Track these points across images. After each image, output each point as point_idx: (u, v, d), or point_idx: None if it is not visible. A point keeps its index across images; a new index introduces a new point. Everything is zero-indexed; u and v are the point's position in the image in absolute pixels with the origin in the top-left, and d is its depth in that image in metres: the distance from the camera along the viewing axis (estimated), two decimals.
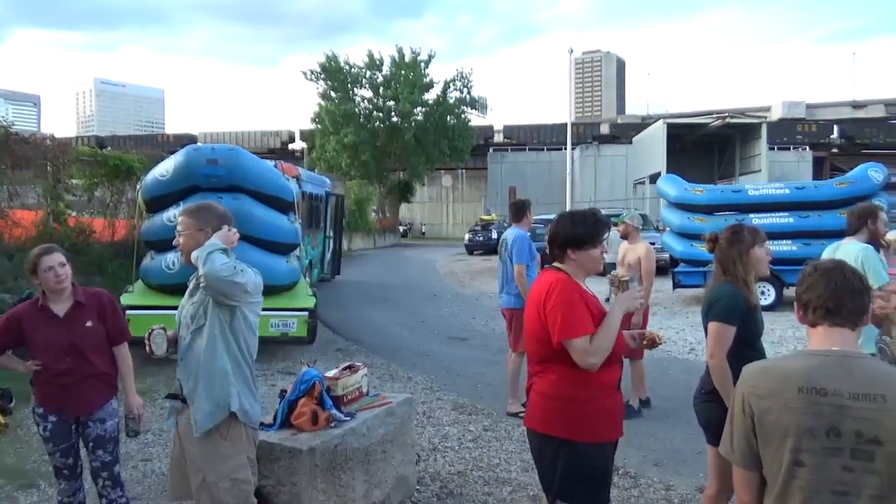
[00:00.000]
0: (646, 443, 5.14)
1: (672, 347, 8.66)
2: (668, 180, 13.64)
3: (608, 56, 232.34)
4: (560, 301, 2.63)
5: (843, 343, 1.78)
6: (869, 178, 11.95)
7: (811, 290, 1.84)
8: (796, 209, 11.87)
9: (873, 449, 1.63)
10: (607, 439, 2.74)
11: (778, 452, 1.71)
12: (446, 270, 21.09)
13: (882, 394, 1.65)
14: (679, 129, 31.54)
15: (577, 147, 40.65)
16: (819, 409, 1.67)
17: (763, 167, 29.56)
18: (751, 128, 31.29)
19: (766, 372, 1.80)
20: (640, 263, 6.04)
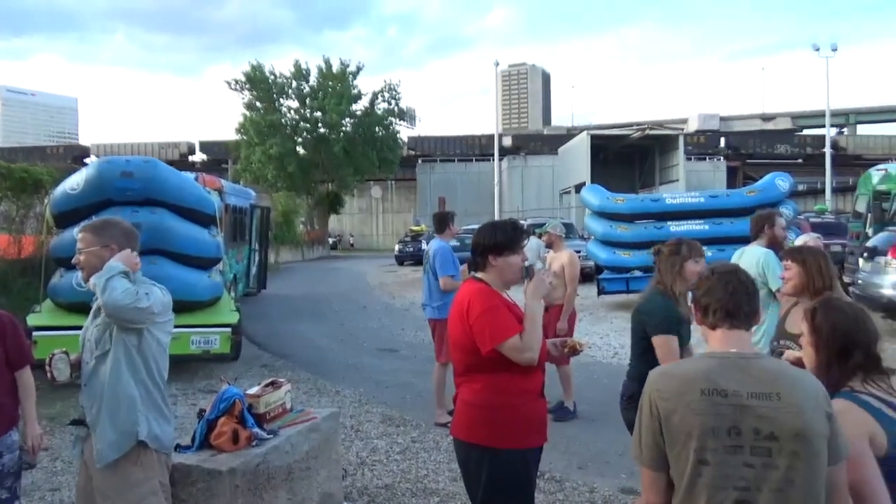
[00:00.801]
0: (571, 447, 5.25)
1: (597, 352, 8.89)
2: (590, 190, 14.05)
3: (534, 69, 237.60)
4: (484, 310, 2.67)
5: (741, 344, 1.86)
6: (776, 187, 12.67)
7: (710, 294, 1.91)
8: (710, 216, 12.45)
9: (770, 445, 1.71)
10: (531, 445, 2.79)
11: (683, 452, 1.76)
12: (376, 282, 20.98)
13: (777, 392, 1.74)
14: (602, 141, 32.63)
15: (505, 158, 41.36)
16: (720, 410, 1.73)
17: (681, 177, 30.89)
18: (669, 139, 32.67)
19: (670, 376, 1.86)
20: (565, 271, 6.19)
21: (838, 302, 2.21)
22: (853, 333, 2.04)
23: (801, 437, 1.69)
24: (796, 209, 13.73)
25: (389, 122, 40.94)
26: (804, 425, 1.70)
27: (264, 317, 12.71)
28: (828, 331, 2.06)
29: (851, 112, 66.13)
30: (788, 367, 1.88)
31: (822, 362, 2.07)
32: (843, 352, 2.02)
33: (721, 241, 11.93)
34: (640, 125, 36.07)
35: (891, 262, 9.47)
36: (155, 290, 2.71)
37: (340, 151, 37.95)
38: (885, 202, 12.86)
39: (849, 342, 2.02)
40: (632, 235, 12.60)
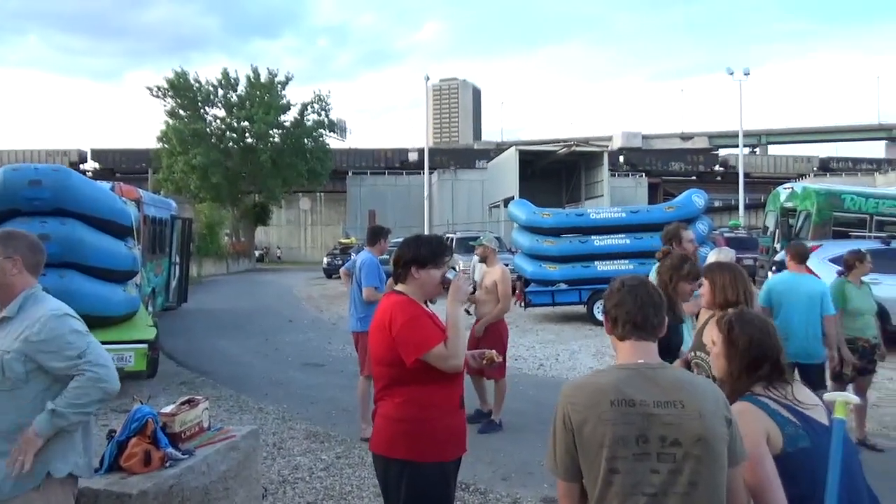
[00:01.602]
0: (496, 458, 5.30)
1: (522, 364, 9.03)
2: (518, 205, 14.31)
3: (465, 84, 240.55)
4: (406, 320, 2.70)
5: (647, 355, 1.94)
6: (693, 203, 13.24)
7: (620, 306, 1.98)
8: (632, 231, 12.89)
9: (675, 451, 1.79)
10: (450, 458, 2.82)
11: (595, 462, 1.82)
12: (304, 295, 20.63)
13: (681, 400, 1.82)
14: (530, 156, 33.29)
15: (436, 171, 41.61)
16: (629, 419, 1.80)
17: (605, 192, 31.84)
18: (594, 156, 33.64)
19: (582, 388, 1.92)
20: (497, 286, 6.22)
21: (751, 315, 2.32)
22: (765, 347, 2.16)
23: (702, 441, 1.78)
24: (711, 224, 14.40)
25: (319, 133, 40.51)
26: (705, 431, 1.79)
27: (185, 332, 12.29)
28: (744, 343, 2.17)
29: (763, 133, 70.00)
30: (691, 376, 1.97)
31: (733, 372, 2.18)
32: (754, 363, 2.14)
33: (642, 254, 12.36)
34: (567, 142, 36.99)
35: None
36: (82, 332, 2.60)
37: (268, 162, 37.26)
38: (791, 219, 13.66)
39: (760, 354, 2.14)
40: (557, 249, 12.89)
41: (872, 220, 12.45)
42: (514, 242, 14.68)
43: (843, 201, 12.66)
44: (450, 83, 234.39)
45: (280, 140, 39.06)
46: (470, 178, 41.75)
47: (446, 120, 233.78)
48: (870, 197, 12.94)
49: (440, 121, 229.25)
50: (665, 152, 54.79)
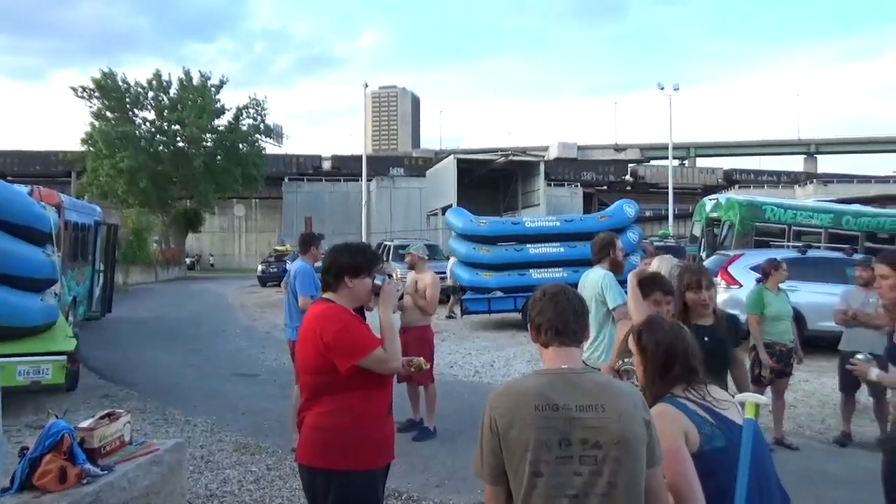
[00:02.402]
0: (430, 466, 5.31)
1: (458, 371, 9.09)
2: (455, 213, 14.42)
3: (404, 92, 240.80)
4: (341, 326, 2.70)
5: (570, 360, 2.00)
6: (624, 212, 13.65)
7: (542, 314, 2.04)
8: (566, 240, 13.17)
9: (596, 453, 1.84)
10: (379, 465, 2.82)
11: (520, 466, 1.86)
12: (237, 304, 20.15)
13: (602, 403, 1.88)
14: (468, 165, 33.55)
15: (374, 178, 41.45)
16: (553, 423, 1.85)
17: (542, 201, 32.42)
18: (531, 165, 34.21)
19: (507, 393, 1.96)
20: (426, 292, 6.26)
21: (660, 321, 2.42)
22: (673, 349, 2.25)
23: (621, 443, 1.84)
24: (641, 233, 14.86)
25: (255, 138, 39.75)
26: (624, 432, 1.85)
27: (109, 343, 11.80)
28: (652, 348, 2.26)
29: (692, 146, 72.82)
30: (612, 381, 2.03)
31: (649, 377, 2.27)
32: (665, 366, 2.23)
33: (575, 262, 12.64)
34: (505, 151, 37.51)
35: (720, 283, 10.49)
36: None
37: (201, 167, 36.27)
38: (716, 228, 14.24)
39: (670, 357, 2.23)
40: (493, 257, 13.04)
41: (790, 230, 13.11)
42: (450, 250, 14.77)
43: (763, 212, 13.28)
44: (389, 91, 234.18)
45: (213, 144, 38.12)
46: (408, 185, 41.77)
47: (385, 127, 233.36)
48: (788, 208, 13.63)
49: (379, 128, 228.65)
50: (580, 162, 56.17)
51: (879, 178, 52.57)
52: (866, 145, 74.55)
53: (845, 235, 13.00)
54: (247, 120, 39.32)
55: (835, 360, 6.48)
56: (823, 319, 6.82)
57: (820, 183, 45.41)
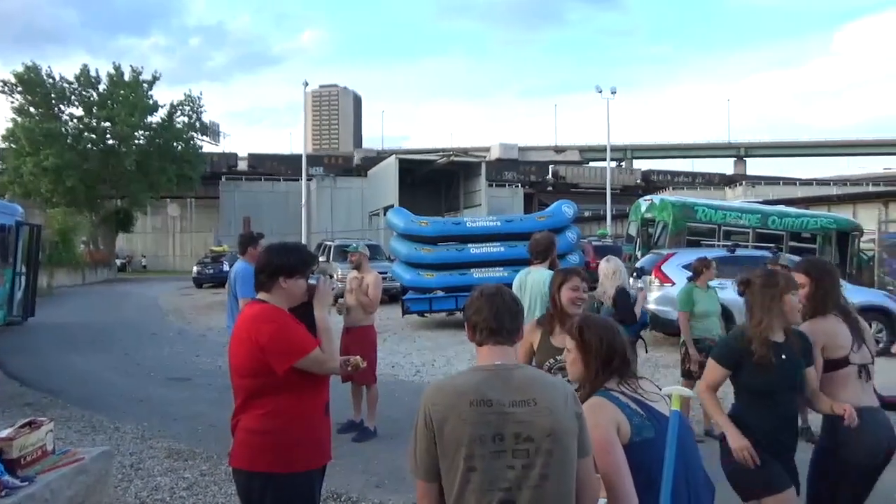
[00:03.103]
0: (369, 466, 5.29)
1: (399, 371, 9.08)
2: (396, 213, 14.40)
3: (345, 91, 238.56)
4: (276, 328, 2.67)
5: (504, 357, 2.04)
6: (563, 213, 13.91)
7: (478, 314, 2.08)
8: (506, 240, 13.32)
9: (528, 447, 1.89)
10: (315, 466, 2.81)
11: (454, 462, 1.88)
12: (170, 307, 19.55)
13: (533, 398, 1.93)
14: (410, 165, 33.57)
15: (314, 178, 40.96)
16: (487, 419, 1.89)
17: (483, 202, 32.72)
18: (472, 166, 34.49)
19: (442, 389, 1.99)
20: (369, 291, 6.24)
21: (595, 318, 2.51)
22: (614, 343, 2.33)
23: (553, 436, 1.89)
24: (579, 234, 15.17)
25: (190, 136, 38.67)
26: (556, 425, 1.90)
27: (31, 348, 11.27)
28: (595, 342, 2.32)
29: (629, 147, 74.80)
30: (543, 375, 2.09)
31: (591, 372, 2.32)
32: (608, 358, 2.30)
33: (515, 262, 12.80)
34: (447, 152, 37.69)
35: (654, 281, 10.82)
36: None
37: (132, 165, 35.02)
38: (651, 228, 14.67)
39: (611, 351, 2.31)
40: (434, 257, 13.07)
41: (720, 229, 13.62)
42: (391, 250, 14.73)
43: (695, 213, 13.75)
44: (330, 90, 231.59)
45: (146, 142, 36.89)
46: (349, 185, 41.46)
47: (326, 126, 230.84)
48: (718, 209, 14.15)
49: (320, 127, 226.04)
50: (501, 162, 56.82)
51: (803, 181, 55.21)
52: (792, 149, 78.20)
53: (771, 235, 13.60)
54: (181, 117, 38.23)
55: None
56: None
57: (748, 185, 47.34)
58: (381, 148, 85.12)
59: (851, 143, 76.22)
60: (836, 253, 13.88)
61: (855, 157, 79.04)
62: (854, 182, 54.25)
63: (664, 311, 9.94)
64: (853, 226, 14.68)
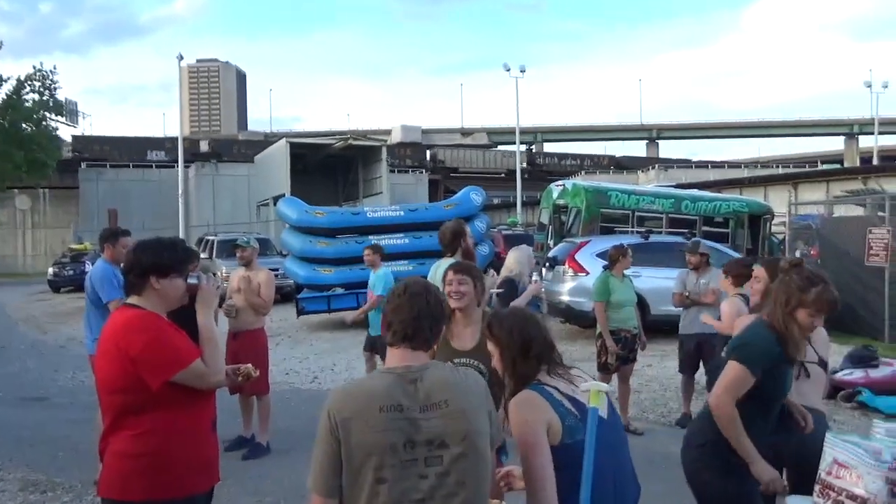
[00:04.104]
0: (261, 486, 5.18)
1: (295, 378, 8.94)
2: (288, 203, 14.13)
3: (227, 67, 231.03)
4: (151, 338, 2.56)
5: (416, 359, 2.03)
6: (471, 200, 14.10)
7: (397, 312, 2.06)
8: (411, 230, 13.35)
9: (442, 453, 1.90)
10: (200, 490, 2.71)
11: (362, 472, 1.86)
12: (21, 315, 18.30)
13: (446, 399, 1.94)
14: (303, 149, 32.91)
15: (193, 164, 39.46)
16: (398, 425, 1.88)
17: (385, 189, 32.56)
18: (372, 150, 34.23)
19: (350, 394, 1.97)
20: (260, 291, 6.09)
21: (503, 310, 2.58)
22: (527, 329, 2.37)
23: (467, 439, 1.91)
24: (489, 222, 15.43)
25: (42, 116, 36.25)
26: (470, 427, 1.92)
27: None
28: (506, 335, 2.36)
29: (539, 130, 76.65)
30: (456, 375, 2.09)
31: (508, 364, 2.36)
32: (524, 347, 2.33)
33: (421, 254, 12.86)
34: (343, 134, 37.21)
35: (567, 271, 11.16)
36: None
37: None
38: (563, 215, 15.12)
39: (526, 337, 2.34)
40: (333, 251, 12.93)
41: (634, 215, 14.22)
42: (283, 244, 14.43)
43: (609, 198, 14.28)
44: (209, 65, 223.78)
45: None
46: (234, 172, 40.16)
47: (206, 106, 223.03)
48: (632, 194, 14.77)
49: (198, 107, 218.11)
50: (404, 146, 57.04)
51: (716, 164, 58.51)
52: (704, 130, 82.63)
53: (685, 220, 14.33)
54: (31, 94, 35.77)
55: (675, 343, 7.14)
56: (665, 304, 7.48)
57: (661, 168, 49.61)
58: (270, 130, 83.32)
59: (762, 125, 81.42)
60: (748, 236, 14.83)
61: (766, 138, 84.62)
62: (764, 164, 58.02)
63: (579, 302, 10.29)
64: (764, 209, 15.71)
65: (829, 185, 26.76)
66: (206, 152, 47.60)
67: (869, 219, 12.66)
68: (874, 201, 13.28)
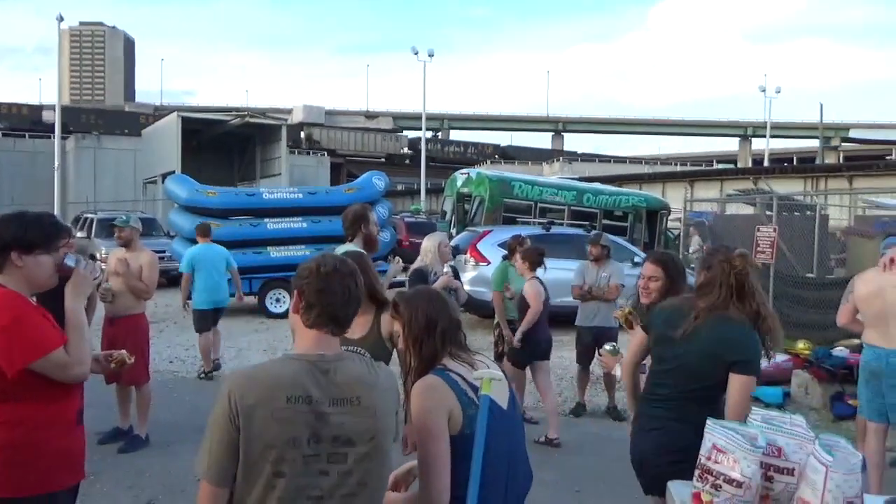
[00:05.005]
0: (140, 480, 5.01)
1: (179, 366, 8.67)
2: (177, 180, 13.61)
3: (114, 32, 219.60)
4: (10, 320, 2.41)
5: (329, 347, 1.97)
6: (373, 185, 14.00)
7: (323, 294, 1.94)
8: (310, 214, 13.13)
9: (347, 450, 1.86)
10: (61, 486, 2.60)
11: (259, 464, 1.78)
12: None
13: (358, 396, 1.90)
14: (196, 125, 31.75)
15: (72, 136, 37.37)
16: (304, 418, 1.81)
17: (284, 171, 31.89)
18: (271, 129, 33.40)
19: (254, 379, 1.86)
20: (143, 273, 5.85)
21: (411, 290, 2.60)
22: (433, 306, 2.37)
23: (375, 440, 1.89)
24: (391, 208, 15.40)
25: None
26: (378, 428, 1.90)
27: None
28: (410, 313, 2.35)
29: (446, 117, 77.06)
30: (370, 371, 2.03)
31: (412, 343, 2.34)
32: (429, 325, 2.32)
33: (320, 239, 12.67)
34: (241, 111, 36.09)
35: (469, 260, 11.30)
36: None
37: None
38: (467, 204, 15.28)
39: (431, 315, 2.34)
40: (224, 233, 12.53)
41: (537, 206, 14.55)
42: (171, 225, 13.89)
43: (512, 188, 14.54)
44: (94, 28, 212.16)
45: None
46: (119, 146, 38.27)
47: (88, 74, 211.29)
48: (535, 185, 15.10)
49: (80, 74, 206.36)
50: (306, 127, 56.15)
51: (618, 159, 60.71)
52: (608, 126, 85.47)
53: (586, 213, 14.79)
54: None
55: (573, 333, 7.36)
56: (564, 295, 7.69)
57: (565, 161, 51.02)
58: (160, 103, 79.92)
59: (663, 123, 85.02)
60: (645, 231, 15.47)
61: (666, 136, 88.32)
62: (664, 161, 60.76)
63: (479, 291, 10.42)
64: (662, 204, 16.43)
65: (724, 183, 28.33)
66: (87, 123, 45.08)
67: (757, 217, 13.49)
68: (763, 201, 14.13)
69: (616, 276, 7.01)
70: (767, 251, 10.90)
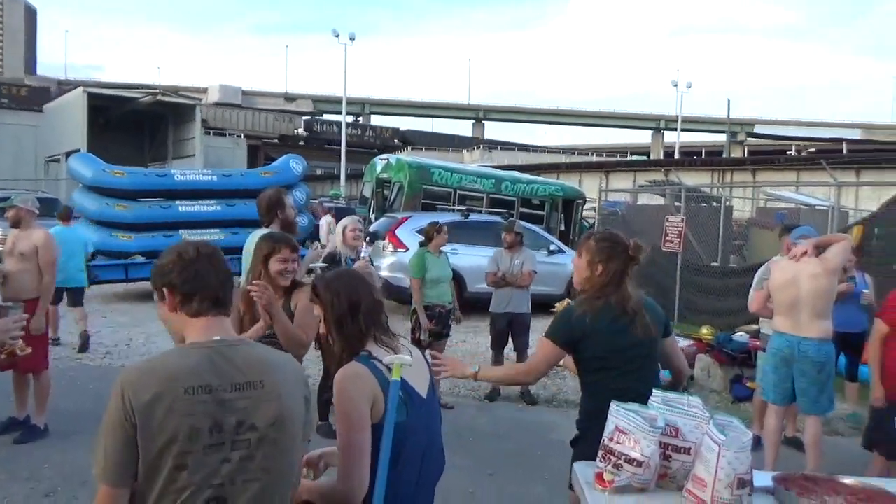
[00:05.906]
0: (38, 472, 4.77)
1: (83, 353, 8.30)
2: (81, 159, 13.05)
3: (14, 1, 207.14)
4: None
5: (223, 331, 1.92)
6: (291, 169, 13.78)
7: (198, 279, 1.90)
8: (224, 197, 12.81)
9: (251, 436, 1.80)
10: None
11: (160, 459, 1.71)
12: None
13: (261, 380, 1.85)
14: (104, 101, 30.48)
15: None
16: (205, 408, 1.74)
17: (198, 152, 31.01)
18: (185, 108, 32.38)
19: (148, 373, 1.78)
20: (38, 254, 5.56)
21: (326, 274, 2.53)
22: (354, 288, 2.35)
23: (279, 423, 1.84)
24: (309, 192, 15.19)
25: None
26: (283, 411, 1.86)
27: None
28: (331, 296, 2.32)
29: (367, 101, 76.33)
30: (272, 354, 2.00)
31: (334, 325, 2.31)
32: (352, 307, 2.30)
33: (235, 223, 12.41)
34: (152, 88, 34.75)
35: (388, 246, 11.28)
36: None
37: None
38: (386, 189, 15.22)
39: (353, 296, 2.32)
40: (133, 215, 12.12)
41: (456, 193, 14.63)
42: (75, 205, 13.28)
43: (432, 175, 14.56)
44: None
45: None
46: (18, 121, 36.23)
47: None
48: (454, 172, 15.17)
49: None
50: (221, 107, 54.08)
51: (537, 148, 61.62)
52: (527, 115, 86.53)
53: (504, 201, 14.98)
54: None
55: (489, 319, 7.47)
56: (481, 281, 7.77)
57: (485, 149, 51.46)
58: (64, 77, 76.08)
59: (580, 114, 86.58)
60: (561, 219, 15.80)
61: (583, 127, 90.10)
62: (581, 152, 62.04)
63: (397, 277, 10.43)
64: (578, 194, 16.81)
65: (636, 174, 29.24)
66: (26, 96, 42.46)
67: (667, 208, 13.98)
68: (672, 192, 14.65)
69: (529, 262, 7.14)
70: (675, 241, 11.32)
